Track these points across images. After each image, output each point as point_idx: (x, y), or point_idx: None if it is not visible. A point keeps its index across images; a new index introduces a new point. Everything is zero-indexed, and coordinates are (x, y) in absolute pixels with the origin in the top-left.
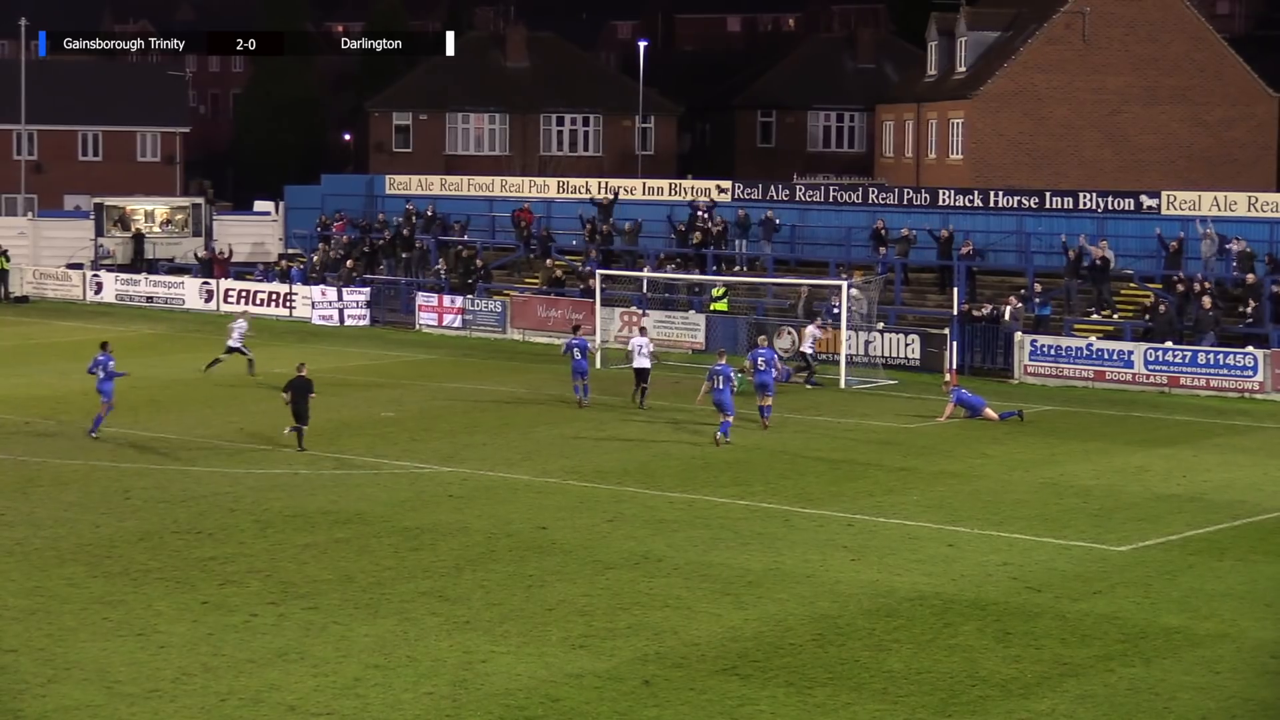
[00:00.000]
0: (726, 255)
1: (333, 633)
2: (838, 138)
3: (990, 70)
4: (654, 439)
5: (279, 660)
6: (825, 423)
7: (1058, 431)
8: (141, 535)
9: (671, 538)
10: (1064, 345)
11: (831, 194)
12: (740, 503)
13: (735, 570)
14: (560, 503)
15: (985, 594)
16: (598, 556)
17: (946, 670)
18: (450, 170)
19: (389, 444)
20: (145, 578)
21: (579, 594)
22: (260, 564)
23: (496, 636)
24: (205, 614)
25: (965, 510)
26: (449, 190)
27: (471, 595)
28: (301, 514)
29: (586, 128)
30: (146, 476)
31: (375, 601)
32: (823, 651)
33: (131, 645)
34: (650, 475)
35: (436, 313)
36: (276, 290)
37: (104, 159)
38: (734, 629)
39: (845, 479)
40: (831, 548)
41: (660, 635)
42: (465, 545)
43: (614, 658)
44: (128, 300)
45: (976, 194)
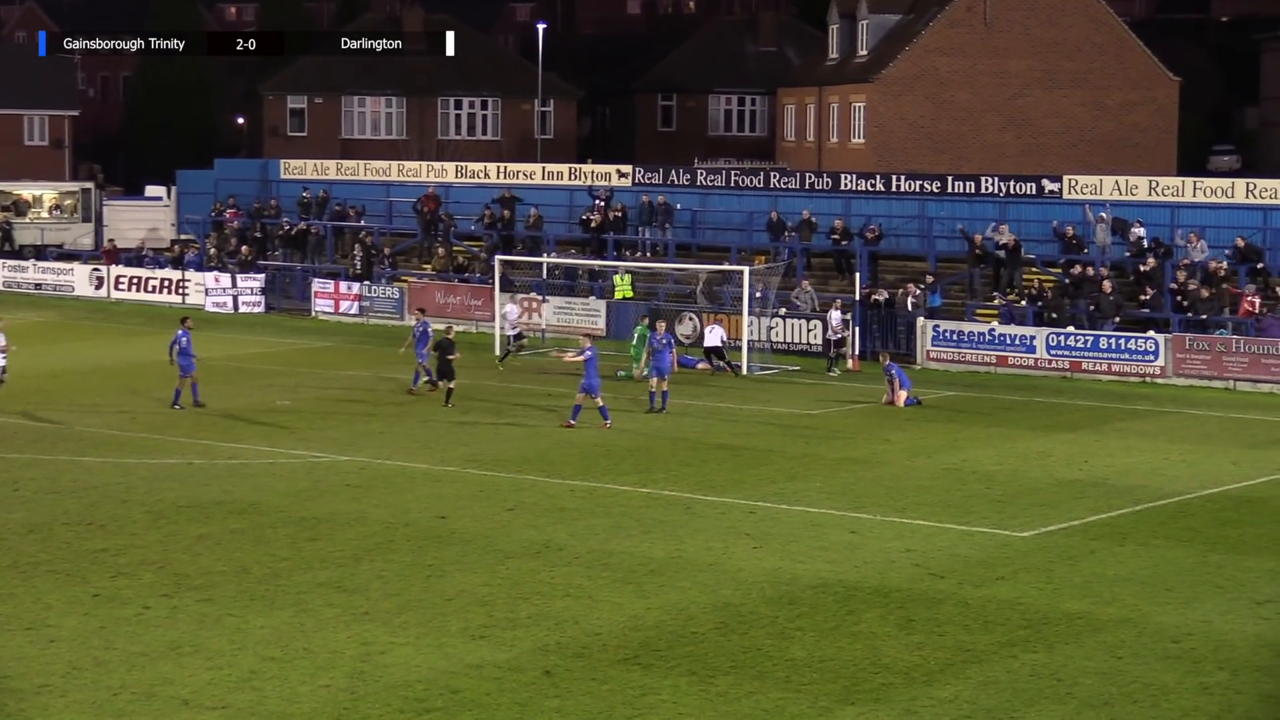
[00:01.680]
0: (628, 241)
1: (227, 625)
2: (739, 122)
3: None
4: (554, 427)
5: (172, 653)
6: (727, 409)
7: (960, 417)
8: (30, 527)
9: (572, 526)
10: (966, 330)
11: (733, 179)
12: (642, 490)
13: (637, 559)
14: (459, 491)
15: (888, 581)
16: (498, 546)
17: (849, 658)
18: (346, 155)
19: (285, 433)
20: (34, 570)
21: (479, 584)
22: (153, 555)
23: (395, 627)
24: (96, 607)
25: (868, 497)
26: (345, 175)
27: (369, 586)
28: (195, 504)
29: (485, 111)
30: (35, 467)
31: (271, 593)
32: (725, 640)
33: (20, 640)
34: (550, 463)
35: (333, 299)
36: (170, 277)
37: None
38: (636, 618)
39: (747, 466)
40: (734, 535)
41: (561, 625)
42: (363, 535)
43: (514, 648)
44: (16, 287)
45: (878, 178)
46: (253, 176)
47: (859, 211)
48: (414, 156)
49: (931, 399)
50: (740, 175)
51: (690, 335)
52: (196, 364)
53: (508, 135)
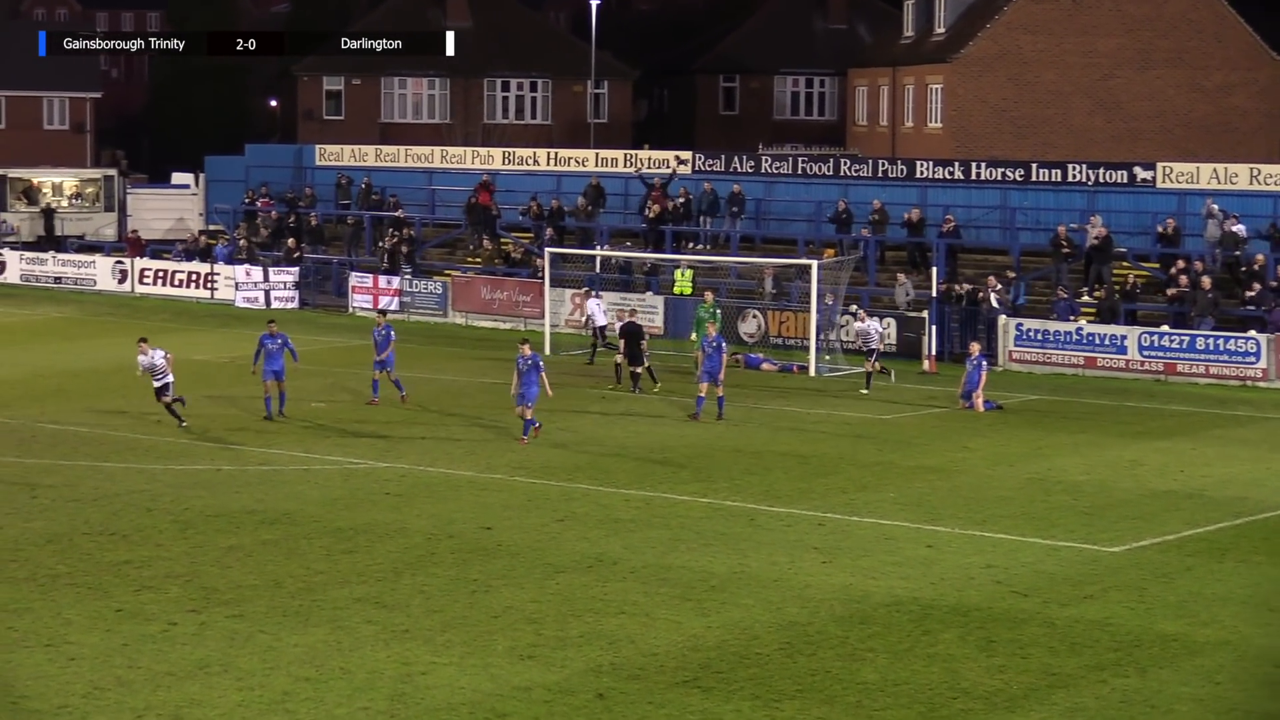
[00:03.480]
0: (687, 232)
1: (259, 643)
2: (807, 105)
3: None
4: (609, 431)
5: (200, 673)
6: (793, 414)
7: (1045, 422)
8: (49, 537)
9: (627, 539)
10: (1052, 329)
11: (800, 166)
12: (702, 501)
13: (697, 574)
14: (506, 501)
15: (967, 599)
16: (547, 559)
17: (925, 682)
18: (386, 140)
19: (320, 437)
20: (54, 583)
21: (527, 600)
22: (180, 568)
23: (438, 646)
24: (119, 623)
25: (945, 508)
26: (384, 161)
27: (410, 602)
28: (225, 513)
29: (534, 93)
30: (55, 473)
31: (305, 609)
32: (791, 662)
33: (39, 657)
34: (604, 471)
35: (371, 294)
36: (197, 270)
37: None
38: (695, 637)
39: (815, 475)
40: (801, 549)
41: (615, 645)
42: (403, 547)
43: (565, 669)
44: (34, 281)
45: (957, 166)
46: (286, 163)
47: (935, 201)
48: (458, 142)
49: (1014, 403)
50: (808, 162)
51: (754, 334)
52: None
53: (558, 119)
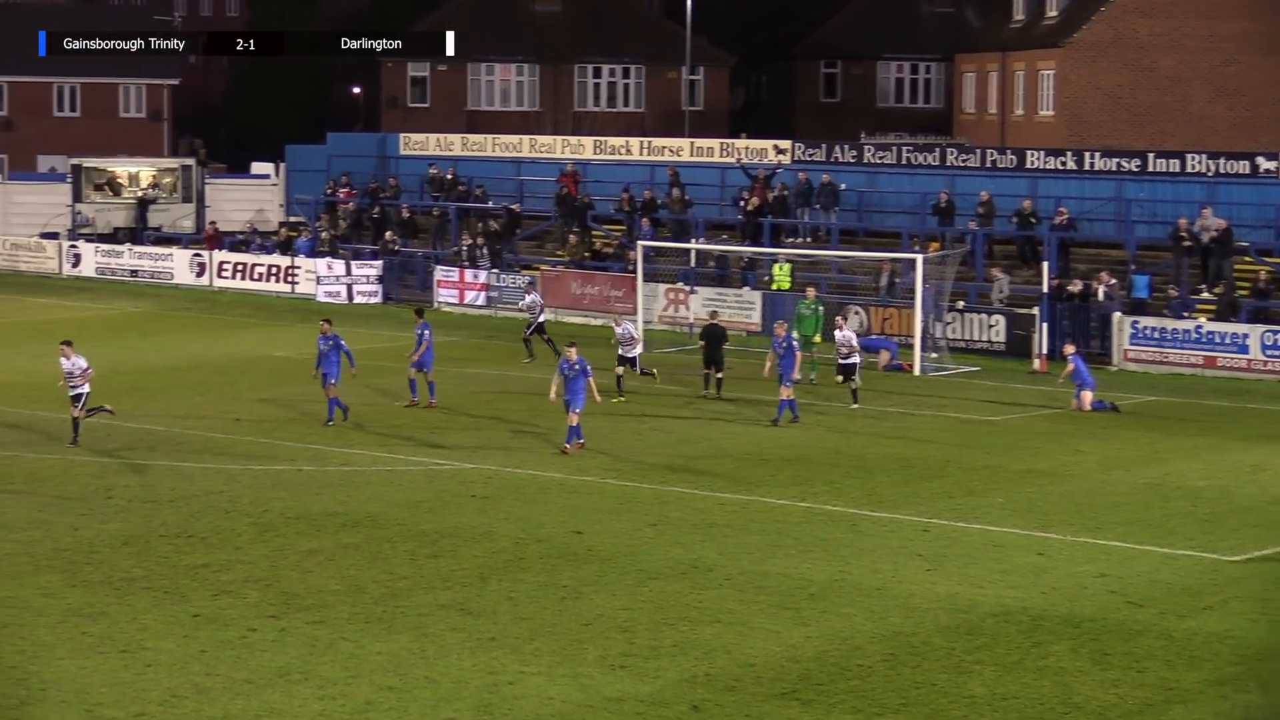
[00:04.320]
0: (786, 225)
1: (341, 650)
2: (911, 91)
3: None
4: (704, 432)
5: (280, 681)
6: (897, 415)
7: (1162, 425)
8: (125, 539)
9: (723, 544)
10: (1169, 328)
11: (904, 155)
12: (801, 505)
13: (795, 581)
14: (597, 504)
15: (1080, 609)
16: (640, 565)
17: (1036, 695)
18: (472, 128)
19: (403, 437)
20: (130, 587)
21: (618, 607)
22: (259, 572)
23: (526, 655)
24: (197, 628)
25: (1056, 514)
26: (471, 151)
27: (497, 608)
28: (305, 516)
29: (626, 80)
30: (131, 473)
31: (389, 615)
32: (894, 674)
33: (114, 663)
34: (699, 473)
35: (457, 289)
36: (277, 264)
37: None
38: (794, 648)
39: (920, 478)
40: (905, 556)
41: (710, 655)
42: (490, 552)
43: (658, 680)
44: (109, 274)
45: (1069, 155)
46: (369, 152)
47: (1047, 192)
48: (547, 130)
49: (1129, 404)
50: (912, 152)
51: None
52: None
53: (652, 106)
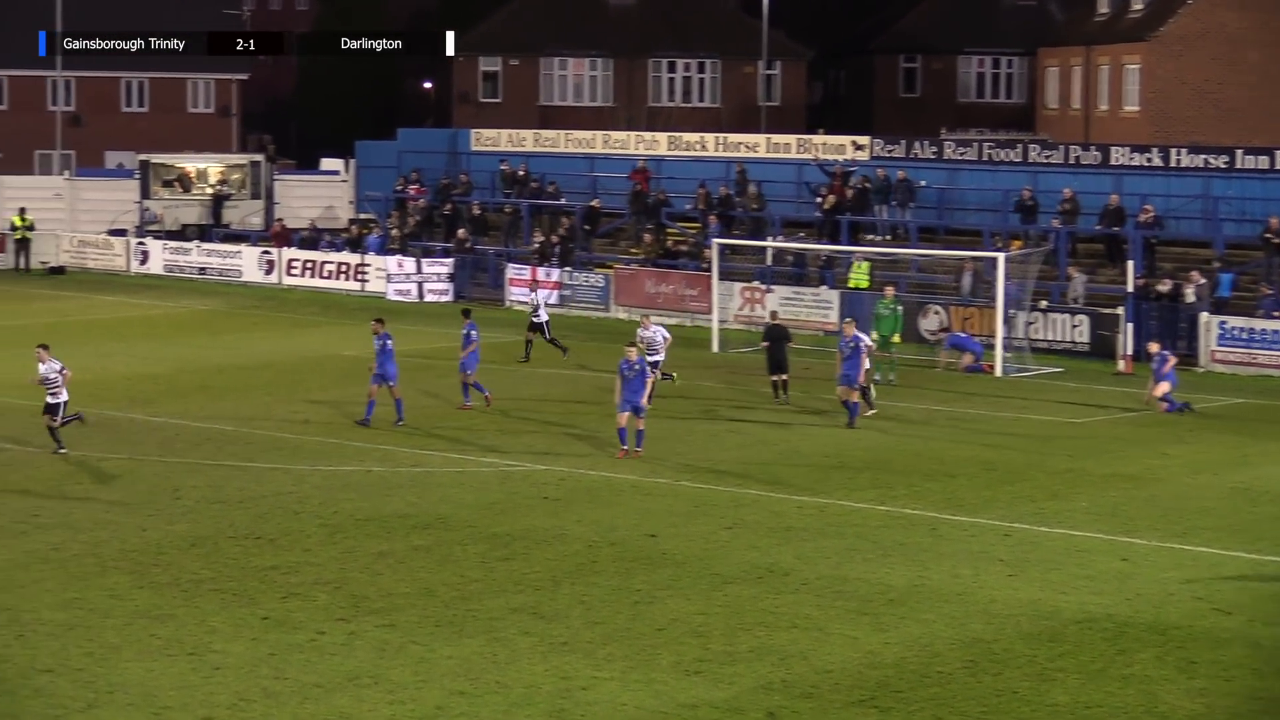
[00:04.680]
0: (864, 223)
1: (411, 654)
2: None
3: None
4: (780, 434)
5: (350, 685)
6: (978, 416)
7: (1251, 428)
8: (193, 540)
9: (800, 548)
10: (1259, 328)
11: (986, 152)
12: (880, 508)
13: (874, 586)
14: (671, 507)
15: (1165, 616)
16: (715, 569)
17: (1120, 704)
18: (545, 124)
19: (475, 438)
20: (198, 589)
21: (693, 612)
22: (328, 574)
23: (599, 660)
24: (266, 631)
25: (1142, 519)
26: (543, 147)
27: (570, 612)
28: (375, 518)
29: (701, 75)
30: (199, 473)
31: (459, 618)
32: (975, 681)
33: (182, 666)
34: (775, 476)
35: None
36: (347, 261)
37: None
38: (872, 654)
39: (1001, 482)
40: (986, 561)
41: (787, 660)
42: (562, 555)
43: (734, 686)
44: (177, 272)
45: (1155, 152)
46: (440, 148)
47: (1132, 190)
48: (621, 126)
49: (1217, 407)
50: (994, 148)
51: (936, 331)
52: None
53: (727, 102)
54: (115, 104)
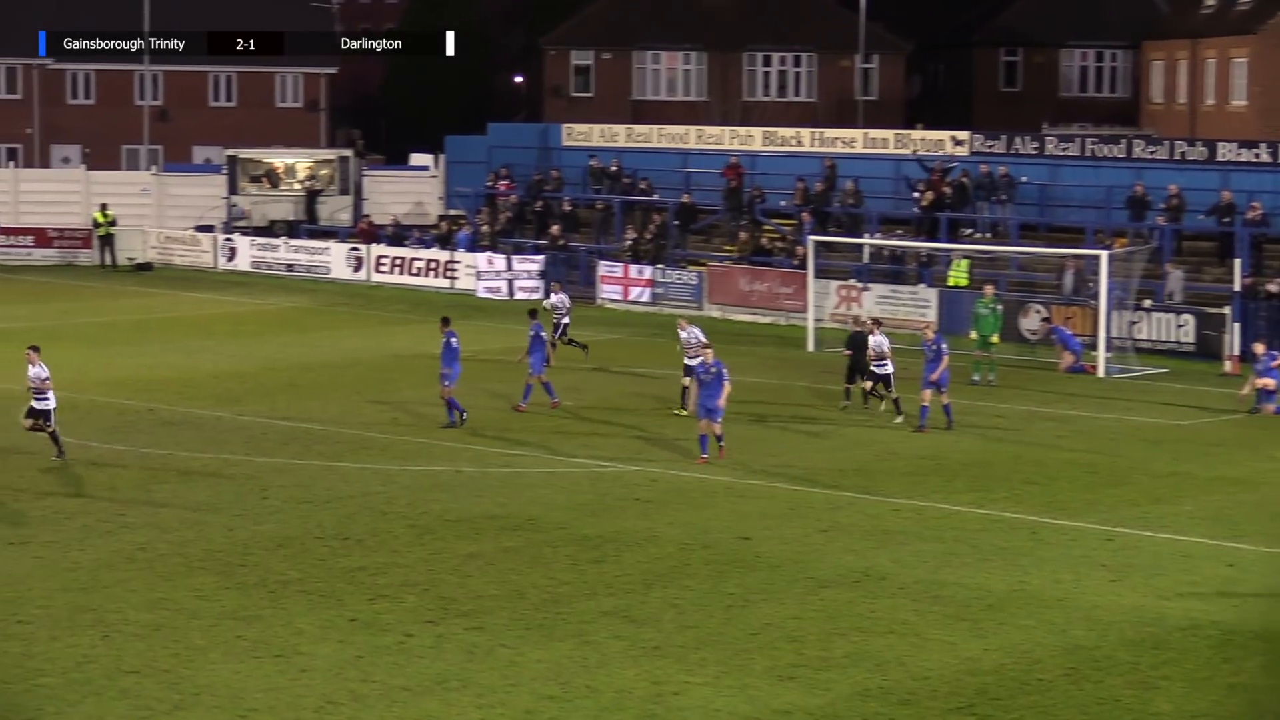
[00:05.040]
0: (963, 219)
1: (500, 657)
2: (1096, 80)
3: None
4: (876, 435)
5: (438, 688)
6: (1080, 418)
7: None
8: (280, 541)
9: (897, 551)
10: None
11: (1088, 147)
12: (979, 512)
13: (972, 591)
14: (765, 509)
15: (1273, 624)
16: (810, 572)
17: (1226, 714)
18: (638, 118)
19: (565, 438)
20: (284, 590)
21: (788, 616)
22: (417, 576)
23: (691, 665)
24: (353, 633)
25: (1249, 524)
26: (636, 142)
27: (662, 616)
28: (465, 518)
29: (798, 68)
30: (286, 473)
31: (549, 621)
32: (1077, 689)
33: (269, 668)
34: (872, 478)
35: (621, 285)
36: (436, 258)
37: (238, 105)
38: (971, 661)
39: (1104, 485)
40: (1087, 566)
41: (883, 666)
42: (654, 557)
43: (829, 692)
44: (265, 268)
45: (1263, 147)
46: (531, 143)
47: (1239, 186)
48: (715, 120)
49: None
50: (1097, 143)
51: (1036, 331)
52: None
53: (824, 96)
54: (203, 98)
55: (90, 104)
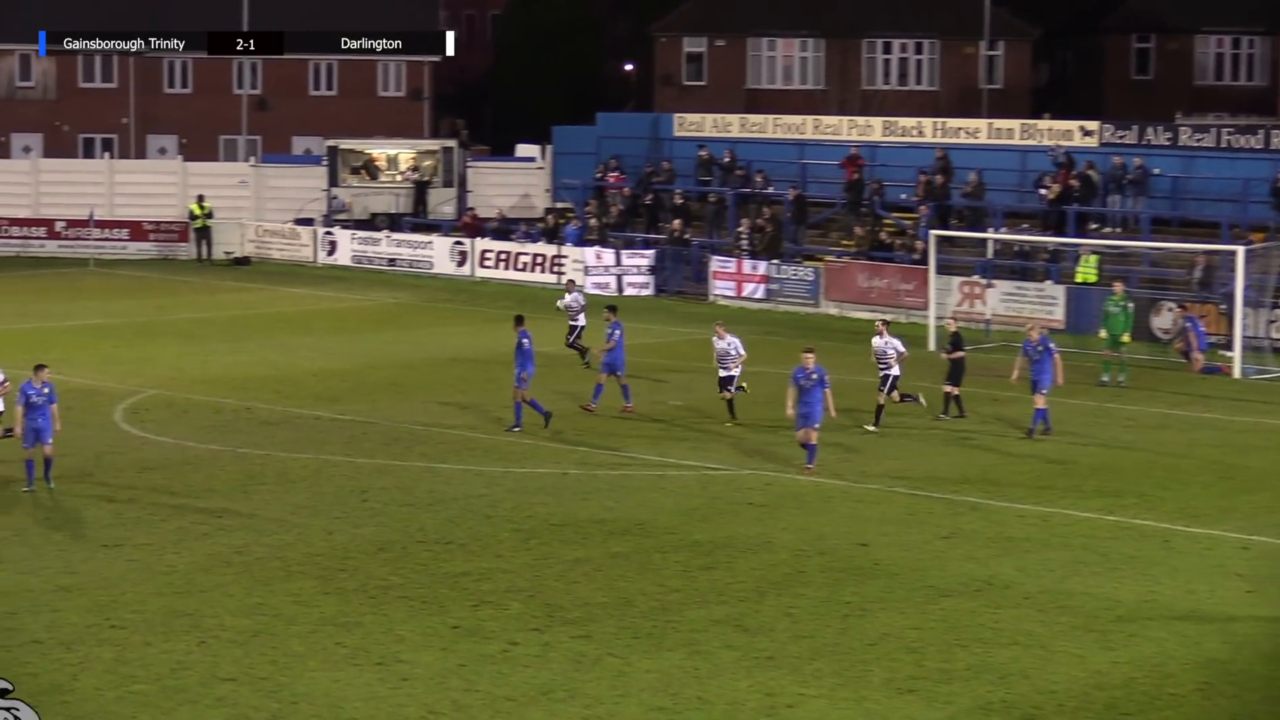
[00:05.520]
0: (1092, 213)
1: (608, 667)
2: (1233, 68)
3: None
4: (1000, 438)
5: (543, 699)
6: (1214, 421)
7: None
8: (381, 545)
9: (1021, 560)
10: None
11: (1224, 137)
12: (1108, 518)
13: (1101, 601)
14: (884, 514)
15: None
16: (930, 581)
17: None
18: (752, 108)
19: (676, 440)
20: (385, 596)
21: (907, 626)
22: (522, 582)
23: (806, 676)
24: (456, 641)
25: None
26: (750, 132)
27: (775, 625)
28: (571, 523)
29: (919, 56)
30: (386, 474)
31: (659, 630)
32: (1210, 705)
33: (369, 676)
34: (995, 482)
35: (734, 281)
36: (543, 253)
37: (339, 94)
38: (1099, 674)
39: (1240, 491)
40: (1222, 576)
41: (1007, 679)
42: (768, 564)
43: (950, 705)
44: (366, 263)
45: None
46: (641, 134)
47: None
48: (833, 110)
49: None
50: (1233, 134)
51: (1170, 330)
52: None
53: (947, 84)
54: (303, 87)
55: (187, 93)
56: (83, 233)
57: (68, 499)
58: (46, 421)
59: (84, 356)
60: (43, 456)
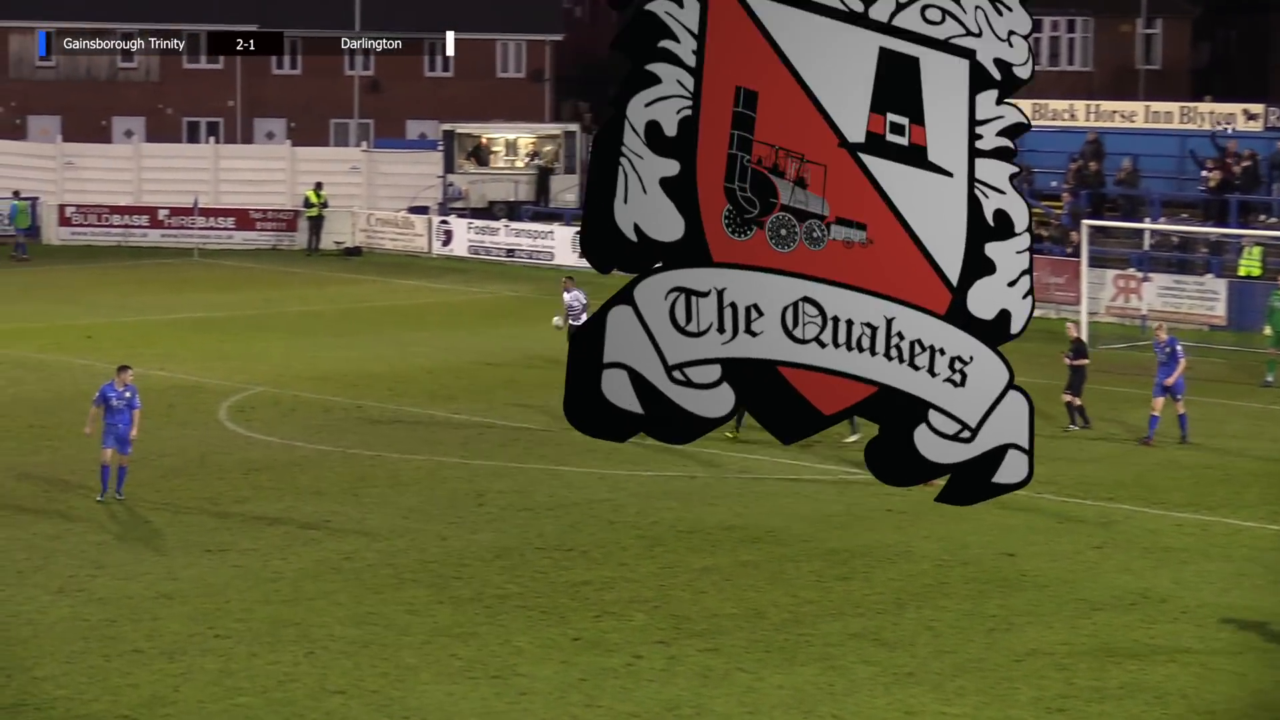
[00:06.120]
0: (1257, 203)
1: (737, 682)
2: None
3: None
4: (1157, 441)
5: (669, 715)
6: None
7: None
8: (498, 551)
9: (1179, 572)
10: None
11: None
12: (1272, 528)
13: (1265, 617)
14: (1031, 522)
15: None
16: (1081, 594)
17: None
18: None
19: (807, 443)
20: (502, 605)
21: (1056, 642)
22: (646, 592)
23: (948, 694)
24: (577, 653)
25: None
26: None
27: (916, 639)
28: (699, 529)
29: (1071, 34)
30: (505, 477)
31: (791, 644)
32: None
33: (485, 690)
34: (1151, 489)
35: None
36: None
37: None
38: (1262, 693)
39: None
40: None
41: (1164, 698)
42: (908, 575)
43: None
44: (483, 253)
45: None
46: None
47: None
48: None
49: None
50: None
51: None
52: None
53: (1100, 65)
54: (418, 69)
55: (296, 74)
56: (186, 221)
57: (169, 501)
58: (127, 428)
59: (187, 351)
60: (118, 464)
